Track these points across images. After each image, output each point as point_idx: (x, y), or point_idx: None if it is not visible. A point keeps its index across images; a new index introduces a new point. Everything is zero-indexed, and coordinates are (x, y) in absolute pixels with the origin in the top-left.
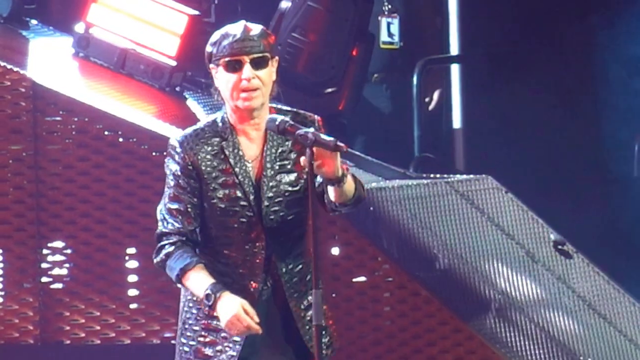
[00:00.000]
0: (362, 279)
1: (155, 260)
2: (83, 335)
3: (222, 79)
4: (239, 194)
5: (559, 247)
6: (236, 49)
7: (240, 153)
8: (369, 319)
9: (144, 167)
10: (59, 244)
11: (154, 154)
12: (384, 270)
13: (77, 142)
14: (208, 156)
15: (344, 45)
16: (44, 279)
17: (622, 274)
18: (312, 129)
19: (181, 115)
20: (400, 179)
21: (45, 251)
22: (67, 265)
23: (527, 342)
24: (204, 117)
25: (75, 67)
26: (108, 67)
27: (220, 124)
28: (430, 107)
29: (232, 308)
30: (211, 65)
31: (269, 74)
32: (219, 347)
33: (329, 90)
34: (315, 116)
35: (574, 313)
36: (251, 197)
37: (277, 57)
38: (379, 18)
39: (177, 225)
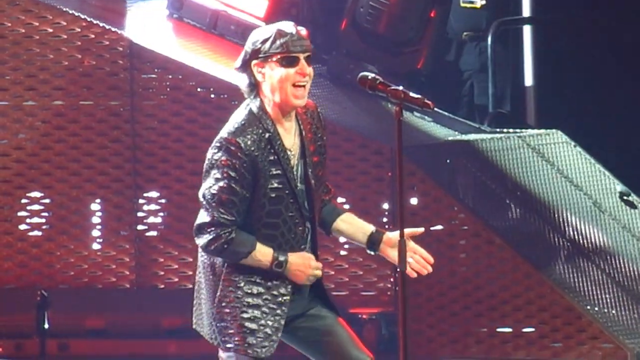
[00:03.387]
0: (439, 227)
1: (212, 246)
2: (176, 280)
3: (275, 74)
4: (284, 183)
5: (625, 197)
6: (294, 47)
7: (283, 144)
8: (446, 265)
9: None
10: (154, 194)
11: None
12: (459, 219)
13: (171, 98)
14: (260, 150)
15: (423, 7)
16: (140, 227)
17: None
18: (401, 87)
19: None
20: (475, 133)
21: (141, 201)
22: (161, 214)
23: (594, 288)
24: (237, 111)
25: (169, 28)
26: (200, 28)
27: (260, 117)
28: None
29: (305, 266)
30: (256, 61)
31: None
32: (262, 322)
33: (409, 49)
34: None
35: (639, 260)
36: (294, 184)
37: None
38: None
39: (233, 217)
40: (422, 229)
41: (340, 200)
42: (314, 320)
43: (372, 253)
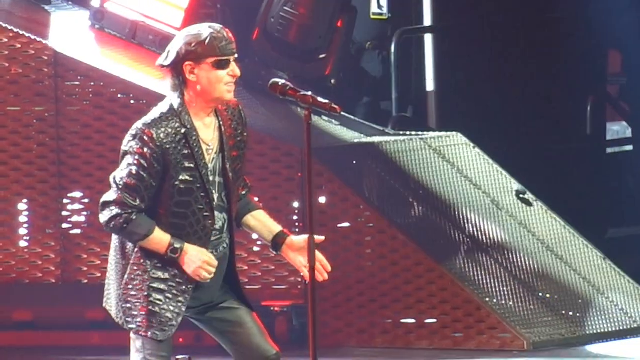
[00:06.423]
0: (346, 224)
1: (113, 223)
2: (99, 275)
3: (208, 75)
4: (196, 176)
5: (521, 195)
6: (227, 50)
7: (199, 139)
8: (353, 260)
9: None
10: (77, 194)
11: None
12: (365, 217)
13: (93, 104)
14: (173, 144)
15: (330, 17)
16: (65, 225)
17: (574, 216)
18: (310, 92)
19: None
20: (380, 136)
21: (65, 201)
22: (85, 213)
23: (492, 280)
24: (159, 105)
25: (91, 38)
26: (121, 38)
27: (179, 113)
28: None
29: (199, 258)
30: (189, 63)
31: None
32: (164, 306)
33: (317, 57)
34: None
35: (534, 254)
36: (206, 179)
37: None
38: None
39: (136, 202)
40: (322, 237)
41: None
42: (227, 312)
43: (275, 253)
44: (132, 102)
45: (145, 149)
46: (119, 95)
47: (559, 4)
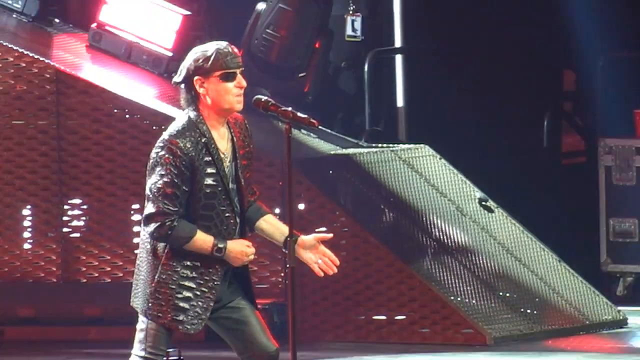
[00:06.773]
0: (323, 229)
1: (158, 233)
2: (96, 275)
3: (217, 87)
4: (218, 181)
5: (483, 203)
6: (233, 63)
7: (217, 148)
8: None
9: (146, 138)
10: (77, 201)
11: (154, 127)
12: (340, 222)
13: (92, 118)
14: (197, 152)
15: (309, 40)
16: (65, 229)
17: (532, 221)
18: (290, 108)
19: (176, 96)
20: (354, 148)
21: (66, 207)
22: (83, 218)
23: (456, 280)
24: (177, 119)
25: (90, 57)
26: (117, 57)
27: (197, 124)
28: None
29: (244, 254)
30: (198, 77)
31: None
32: (193, 302)
33: (297, 75)
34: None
35: (495, 257)
36: (226, 182)
37: None
38: (345, 16)
39: (176, 207)
40: (331, 235)
41: None
42: (233, 311)
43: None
44: (127, 116)
45: (175, 158)
46: (116, 110)
47: (520, 27)
